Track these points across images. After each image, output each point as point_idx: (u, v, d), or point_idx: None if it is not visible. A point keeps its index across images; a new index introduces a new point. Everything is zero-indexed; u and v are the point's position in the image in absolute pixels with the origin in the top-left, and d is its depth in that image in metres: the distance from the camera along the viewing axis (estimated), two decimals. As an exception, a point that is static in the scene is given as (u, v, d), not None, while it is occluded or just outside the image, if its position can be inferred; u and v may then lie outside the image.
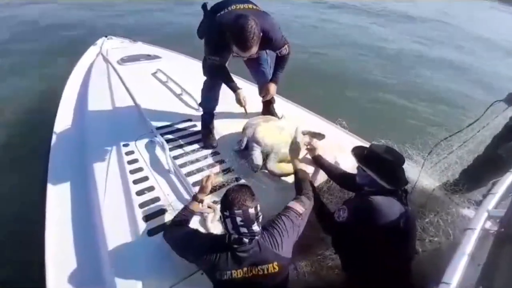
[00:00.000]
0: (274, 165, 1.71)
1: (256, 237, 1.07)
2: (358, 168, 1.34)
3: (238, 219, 1.02)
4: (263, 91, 1.99)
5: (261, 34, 1.52)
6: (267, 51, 2.01)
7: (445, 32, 8.94)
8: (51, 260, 1.33)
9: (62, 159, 1.91)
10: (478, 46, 7.81)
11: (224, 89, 1.96)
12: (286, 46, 1.81)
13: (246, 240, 1.05)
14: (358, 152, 1.36)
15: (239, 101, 1.88)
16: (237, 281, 1.05)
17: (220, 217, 1.08)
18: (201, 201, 1.41)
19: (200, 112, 2.13)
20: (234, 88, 1.85)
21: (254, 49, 1.52)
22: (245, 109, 1.93)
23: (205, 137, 2.00)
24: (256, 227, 1.05)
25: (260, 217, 1.08)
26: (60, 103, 2.52)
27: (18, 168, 2.75)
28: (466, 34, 8.79)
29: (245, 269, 1.06)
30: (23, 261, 1.92)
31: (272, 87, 1.95)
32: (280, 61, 1.91)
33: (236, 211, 1.02)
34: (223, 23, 1.55)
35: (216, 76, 1.89)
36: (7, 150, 3.02)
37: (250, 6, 1.70)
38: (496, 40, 8.40)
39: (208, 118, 2.05)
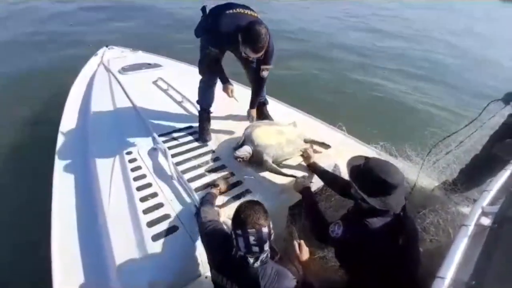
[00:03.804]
0: (269, 163, 1.77)
1: (262, 258, 1.01)
2: (351, 182, 1.24)
3: (251, 238, 0.97)
4: (248, 117, 2.26)
5: None
6: None
7: (442, 35, 9.03)
8: (58, 264, 1.35)
9: (66, 168, 1.94)
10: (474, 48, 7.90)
11: (226, 98, 2.07)
12: (270, 67, 1.99)
13: (251, 260, 0.99)
14: (353, 166, 1.23)
15: (226, 90, 2.03)
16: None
17: (231, 233, 1.03)
18: (220, 190, 1.59)
19: None
20: (224, 80, 2.01)
21: (263, 51, 1.76)
22: (233, 97, 2.07)
23: (201, 132, 2.15)
24: (267, 247, 1.01)
25: (272, 235, 1.03)
26: (63, 113, 2.56)
27: (23, 176, 2.79)
28: (463, 37, 8.88)
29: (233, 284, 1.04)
30: (29, 267, 1.96)
31: (253, 112, 2.26)
32: (258, 85, 2.15)
33: (249, 230, 0.97)
34: (236, 25, 1.73)
35: (212, 67, 1.99)
36: (12, 159, 3.06)
37: (254, 14, 1.85)
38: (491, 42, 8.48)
39: (204, 114, 2.18)
